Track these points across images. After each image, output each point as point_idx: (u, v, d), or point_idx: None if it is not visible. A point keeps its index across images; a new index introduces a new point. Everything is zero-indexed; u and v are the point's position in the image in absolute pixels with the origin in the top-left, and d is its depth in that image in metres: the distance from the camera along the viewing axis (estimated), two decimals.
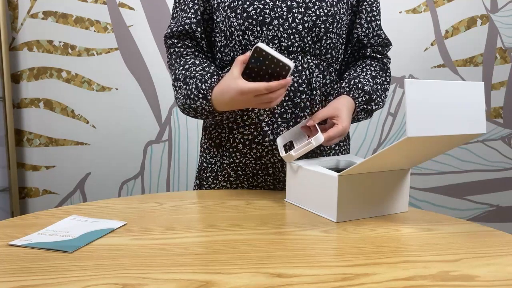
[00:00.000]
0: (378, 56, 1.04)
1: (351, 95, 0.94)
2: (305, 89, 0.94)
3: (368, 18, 1.02)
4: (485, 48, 2.14)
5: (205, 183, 1.04)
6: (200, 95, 0.88)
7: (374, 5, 1.02)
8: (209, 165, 1.02)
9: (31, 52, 1.88)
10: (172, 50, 0.99)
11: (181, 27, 0.98)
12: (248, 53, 0.81)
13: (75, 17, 1.88)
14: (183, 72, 0.93)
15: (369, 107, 0.96)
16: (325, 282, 0.52)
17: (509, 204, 2.27)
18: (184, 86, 0.91)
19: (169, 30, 0.99)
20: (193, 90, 0.89)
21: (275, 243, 0.65)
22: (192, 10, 0.97)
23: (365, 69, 1.01)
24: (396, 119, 2.13)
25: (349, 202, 0.76)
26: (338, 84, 0.98)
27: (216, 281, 0.52)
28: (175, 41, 0.99)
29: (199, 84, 0.88)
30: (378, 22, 1.03)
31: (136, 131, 1.98)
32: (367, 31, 1.03)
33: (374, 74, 1.01)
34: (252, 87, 0.79)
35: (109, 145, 1.97)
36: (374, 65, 1.03)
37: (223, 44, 0.97)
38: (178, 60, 0.97)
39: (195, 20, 0.98)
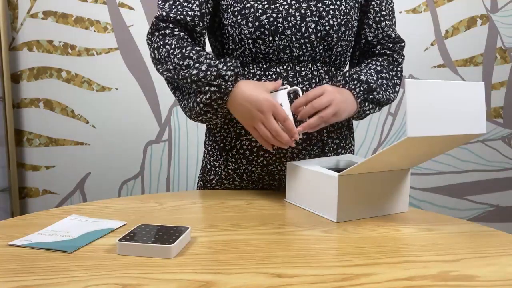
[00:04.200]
0: (388, 52, 1.00)
1: (347, 87, 0.90)
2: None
3: (377, 19, 0.98)
4: (485, 48, 2.14)
5: (209, 185, 1.03)
6: (223, 78, 0.82)
7: (384, 4, 0.98)
8: (213, 168, 1.01)
9: (31, 52, 1.88)
10: (168, 31, 0.88)
11: (181, 16, 0.88)
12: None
13: (75, 17, 1.88)
14: (194, 52, 0.85)
15: (371, 96, 0.91)
16: (325, 282, 0.52)
17: (509, 204, 2.27)
18: (197, 65, 0.83)
19: (164, 13, 0.88)
20: (216, 71, 0.82)
21: (275, 243, 0.65)
22: (197, 2, 0.90)
23: (370, 64, 0.97)
24: (396, 119, 2.13)
25: (349, 202, 0.76)
26: (333, 79, 0.94)
27: (216, 281, 0.52)
28: (171, 25, 0.88)
29: (224, 68, 0.82)
30: (387, 22, 0.99)
31: (136, 131, 1.98)
32: (376, 32, 0.99)
33: (379, 69, 0.96)
34: (277, 105, 0.81)
35: (109, 145, 1.97)
36: (380, 60, 0.99)
37: (231, 47, 0.94)
38: (180, 41, 0.87)
39: (199, 14, 0.90)
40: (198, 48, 0.87)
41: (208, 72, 0.81)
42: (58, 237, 0.65)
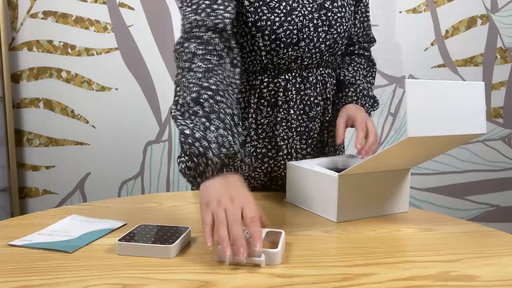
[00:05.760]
0: (366, 53, 1.08)
1: (359, 103, 0.97)
2: (320, 102, 0.95)
3: (362, 19, 1.05)
4: (485, 48, 2.14)
5: None
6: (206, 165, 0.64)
7: (368, 6, 1.05)
8: None
9: (31, 52, 1.88)
10: (201, 51, 0.75)
11: (218, 20, 0.78)
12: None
13: (75, 17, 1.88)
14: (212, 102, 0.69)
15: (374, 109, 1.02)
16: (325, 282, 0.52)
17: (509, 204, 2.27)
18: (204, 120, 0.67)
19: (197, 18, 0.77)
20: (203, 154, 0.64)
21: None
22: (232, 5, 0.81)
23: (356, 68, 1.04)
24: (396, 119, 2.13)
25: (349, 202, 0.76)
26: (344, 93, 0.99)
27: (216, 281, 0.52)
28: (206, 35, 0.77)
29: (215, 156, 0.64)
30: (369, 23, 1.07)
31: (136, 131, 1.98)
32: (358, 31, 1.06)
33: (365, 73, 1.05)
34: (253, 202, 0.61)
35: (109, 145, 1.97)
36: (362, 62, 1.06)
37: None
38: (206, 74, 0.73)
39: (233, 16, 0.81)
40: (218, 98, 0.70)
41: (196, 144, 0.64)
42: (58, 237, 0.65)
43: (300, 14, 0.87)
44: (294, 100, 0.92)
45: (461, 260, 0.59)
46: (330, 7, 0.90)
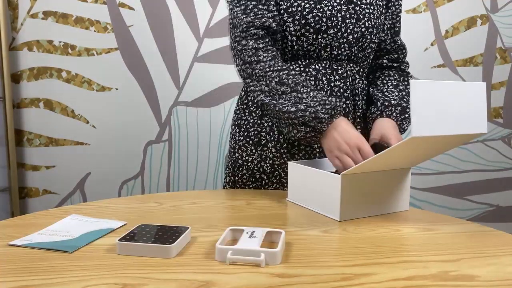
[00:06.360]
0: (395, 64, 1.07)
1: (384, 116, 0.96)
2: (349, 95, 0.97)
3: (389, 25, 1.06)
4: (485, 48, 2.14)
5: (240, 181, 1.05)
6: (320, 120, 0.84)
7: (398, 15, 1.05)
8: (245, 163, 1.03)
9: (31, 52, 1.88)
10: (261, 44, 0.90)
11: (264, 19, 0.91)
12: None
13: (75, 17, 1.88)
14: (291, 78, 0.87)
15: (407, 115, 0.98)
16: (325, 282, 0.52)
17: (509, 204, 2.27)
18: (295, 100, 0.86)
19: (249, 19, 0.91)
20: (314, 113, 0.84)
21: None
22: (273, 2, 0.93)
23: (385, 81, 1.04)
24: None
25: (352, 201, 0.76)
26: (369, 111, 1.00)
27: (216, 281, 0.52)
28: (261, 32, 0.91)
29: (323, 111, 0.84)
30: (396, 29, 1.06)
31: (136, 131, 1.98)
32: (386, 37, 1.06)
33: (395, 83, 1.03)
34: (364, 142, 0.81)
35: (109, 145, 1.97)
36: (392, 74, 1.05)
37: None
38: (275, 61, 0.90)
39: (276, 16, 0.93)
40: (293, 73, 0.89)
41: (307, 113, 0.84)
42: (58, 237, 0.65)
43: (329, 4, 0.92)
44: (325, 89, 0.95)
45: (461, 260, 0.59)
46: (358, 2, 0.95)
